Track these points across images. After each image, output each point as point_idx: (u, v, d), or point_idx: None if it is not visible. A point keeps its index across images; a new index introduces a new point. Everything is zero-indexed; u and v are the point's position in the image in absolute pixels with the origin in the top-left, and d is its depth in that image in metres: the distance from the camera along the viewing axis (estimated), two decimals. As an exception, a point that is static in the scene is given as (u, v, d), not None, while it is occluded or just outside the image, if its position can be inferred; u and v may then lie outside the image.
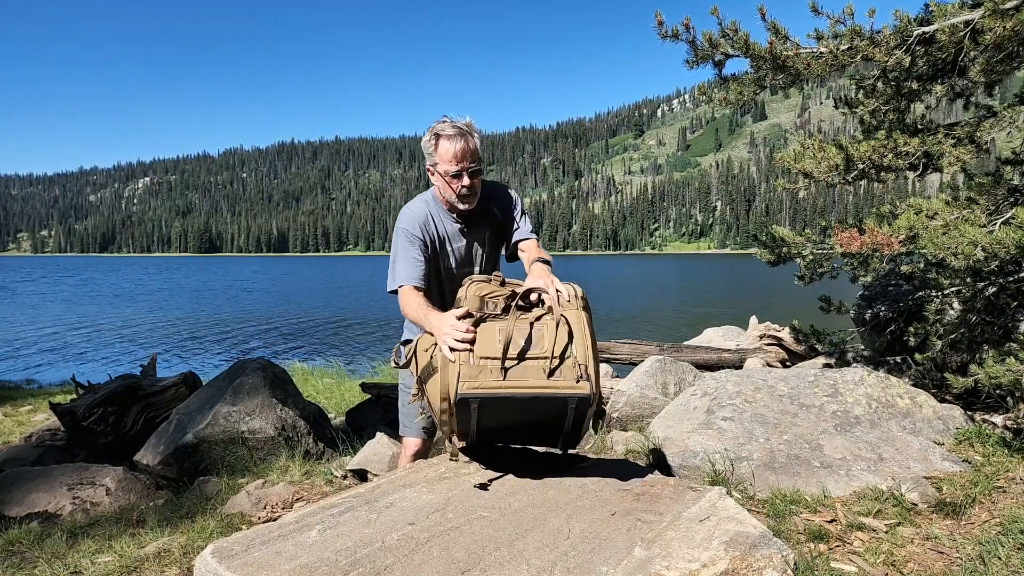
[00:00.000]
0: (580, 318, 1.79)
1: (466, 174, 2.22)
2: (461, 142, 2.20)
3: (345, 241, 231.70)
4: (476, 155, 2.23)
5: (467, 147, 2.21)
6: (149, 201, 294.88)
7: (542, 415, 1.78)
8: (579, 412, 1.75)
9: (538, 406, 1.74)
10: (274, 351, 16.55)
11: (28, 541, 2.96)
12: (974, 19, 3.61)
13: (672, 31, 4.20)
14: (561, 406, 1.73)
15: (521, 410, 1.76)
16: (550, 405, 1.73)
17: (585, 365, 1.72)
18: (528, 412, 1.77)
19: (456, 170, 2.21)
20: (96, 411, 4.64)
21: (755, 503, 2.94)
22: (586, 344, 1.76)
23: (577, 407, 1.73)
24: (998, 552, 2.33)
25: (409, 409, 2.54)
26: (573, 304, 1.83)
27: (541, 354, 1.73)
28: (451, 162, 2.21)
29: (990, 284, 4.19)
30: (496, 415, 1.78)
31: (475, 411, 1.74)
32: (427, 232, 2.32)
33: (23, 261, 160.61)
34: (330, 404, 7.02)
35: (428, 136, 2.27)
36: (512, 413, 1.78)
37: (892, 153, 4.14)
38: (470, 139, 2.22)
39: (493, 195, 2.43)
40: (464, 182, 2.22)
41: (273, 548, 1.48)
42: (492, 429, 1.85)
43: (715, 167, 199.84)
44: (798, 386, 3.75)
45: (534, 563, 1.42)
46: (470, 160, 2.21)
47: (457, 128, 2.21)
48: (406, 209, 2.39)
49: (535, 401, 1.72)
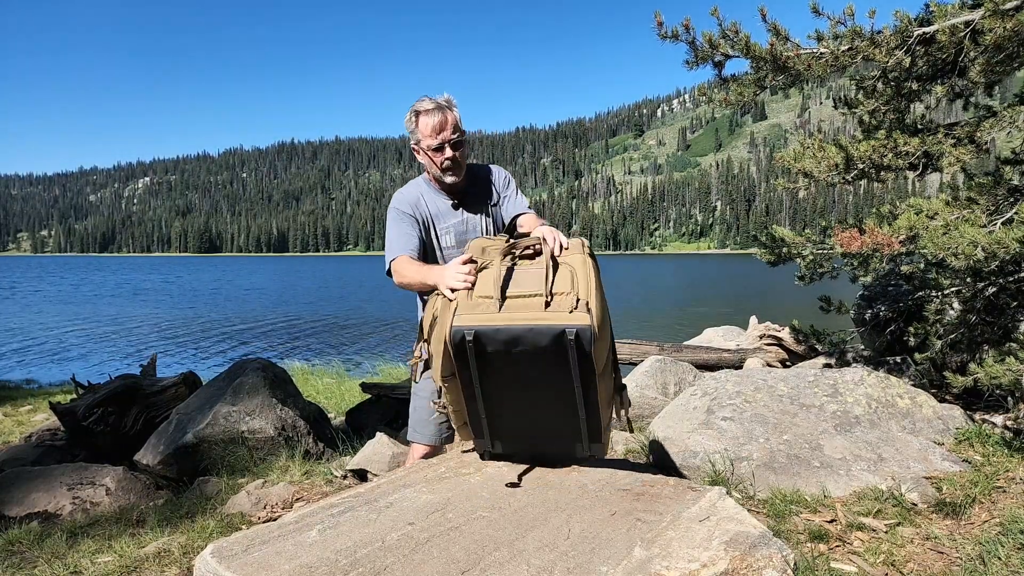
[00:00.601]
0: (585, 262, 1.73)
1: (448, 146, 2.26)
2: (439, 115, 2.24)
3: (345, 241, 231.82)
4: (456, 127, 2.27)
5: (446, 119, 2.25)
6: (149, 201, 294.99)
7: (547, 372, 1.66)
8: (582, 355, 1.60)
9: (537, 346, 1.61)
10: (274, 351, 16.54)
11: (28, 541, 2.96)
12: (974, 20, 3.61)
13: (672, 32, 4.20)
14: (559, 341, 1.59)
15: (524, 362, 1.65)
16: (548, 340, 1.60)
17: (587, 302, 1.62)
18: (531, 366, 1.65)
19: (438, 142, 2.25)
20: (96, 411, 4.63)
21: (755, 503, 2.94)
22: (589, 285, 1.67)
23: (578, 344, 1.58)
24: (998, 552, 2.33)
25: (420, 414, 2.50)
26: (577, 250, 1.78)
27: (540, 291, 1.65)
28: (432, 135, 2.25)
29: (990, 284, 4.19)
30: (498, 370, 1.68)
31: (471, 350, 1.63)
32: (418, 210, 2.36)
33: (23, 261, 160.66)
34: (330, 404, 7.03)
35: (408, 115, 2.31)
36: (513, 366, 1.67)
37: (892, 153, 4.14)
38: (448, 112, 2.26)
39: (484, 174, 2.49)
40: (447, 154, 2.26)
41: (273, 548, 1.48)
42: (502, 409, 1.76)
43: (715, 167, 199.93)
44: (798, 386, 3.75)
45: (534, 563, 1.42)
46: (451, 131, 2.25)
47: (435, 102, 2.26)
48: (397, 192, 2.45)
49: (531, 335, 1.60)
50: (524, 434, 1.86)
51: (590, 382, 1.68)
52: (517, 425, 1.84)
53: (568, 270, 1.70)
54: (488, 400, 1.77)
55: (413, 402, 2.57)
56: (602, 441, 1.83)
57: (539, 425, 1.82)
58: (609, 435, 1.92)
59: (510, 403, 1.78)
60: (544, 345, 1.61)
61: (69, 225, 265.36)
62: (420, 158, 2.35)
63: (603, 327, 1.65)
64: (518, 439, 1.87)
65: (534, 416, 1.79)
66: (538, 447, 1.89)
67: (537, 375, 1.69)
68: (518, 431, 1.85)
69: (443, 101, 2.27)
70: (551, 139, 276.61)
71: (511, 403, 1.78)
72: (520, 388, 1.73)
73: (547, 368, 1.66)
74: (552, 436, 1.84)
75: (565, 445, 1.84)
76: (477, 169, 2.49)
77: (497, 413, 1.80)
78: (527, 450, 1.90)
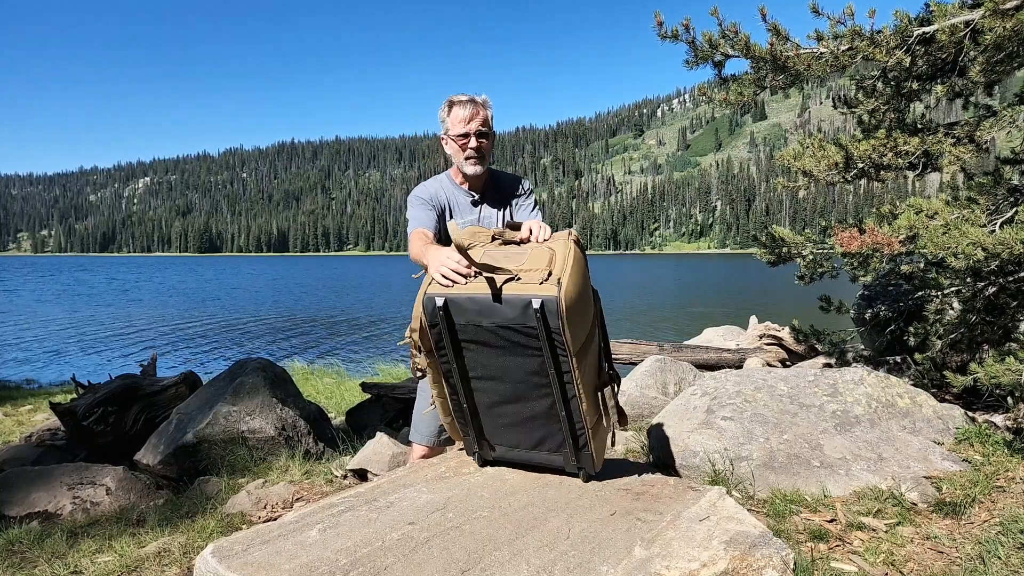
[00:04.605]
0: (567, 246, 1.73)
1: (474, 136, 2.33)
2: (472, 107, 2.34)
3: (345, 241, 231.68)
4: (486, 121, 2.36)
5: (477, 112, 2.34)
6: (149, 201, 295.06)
7: (518, 353, 1.65)
8: (548, 328, 1.58)
9: (505, 318, 1.61)
10: (274, 351, 16.54)
11: (28, 541, 2.96)
12: (974, 19, 3.61)
13: (672, 31, 4.20)
14: (527, 313, 1.59)
15: (496, 342, 1.65)
16: (515, 312, 1.60)
17: (559, 277, 1.61)
18: (503, 346, 1.65)
19: (464, 130, 2.33)
20: (96, 411, 4.63)
21: (755, 503, 2.94)
22: (566, 264, 1.66)
23: (544, 316, 1.57)
24: (998, 552, 2.33)
25: (420, 415, 2.52)
26: (562, 238, 1.78)
27: (515, 268, 1.66)
28: (460, 124, 2.33)
29: (990, 284, 4.19)
30: (472, 350, 1.69)
31: (443, 319, 1.65)
32: (437, 200, 2.42)
33: (23, 261, 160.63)
34: (330, 404, 7.03)
35: (443, 105, 2.40)
36: (486, 346, 1.67)
37: (892, 152, 4.15)
38: (481, 108, 2.35)
39: (508, 181, 2.55)
40: (472, 144, 2.34)
41: (273, 548, 1.48)
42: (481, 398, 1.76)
43: (715, 167, 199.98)
44: (798, 386, 3.75)
45: (534, 563, 1.42)
46: (479, 123, 2.34)
47: (470, 97, 2.36)
48: (420, 185, 2.51)
49: (500, 307, 1.60)
50: (508, 435, 1.84)
51: (564, 364, 1.64)
52: (499, 422, 1.82)
53: (548, 251, 1.71)
54: (466, 383, 1.77)
55: (418, 401, 2.59)
56: (590, 449, 1.76)
57: (523, 426, 1.80)
58: (603, 446, 1.85)
59: (489, 392, 1.77)
60: (511, 316, 1.61)
61: (69, 225, 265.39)
62: (447, 147, 2.42)
63: (577, 304, 1.62)
64: (502, 438, 1.85)
65: (515, 411, 1.77)
66: (524, 454, 1.86)
67: (511, 358, 1.68)
68: (502, 429, 1.84)
69: (479, 98, 2.37)
70: (551, 139, 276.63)
71: (490, 392, 1.76)
72: (497, 373, 1.72)
73: (519, 348, 1.65)
74: (536, 438, 1.80)
75: (551, 449, 1.80)
76: (503, 175, 2.55)
77: (477, 403, 1.80)
78: (515, 458, 1.88)
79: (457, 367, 1.74)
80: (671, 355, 6.51)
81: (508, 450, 1.87)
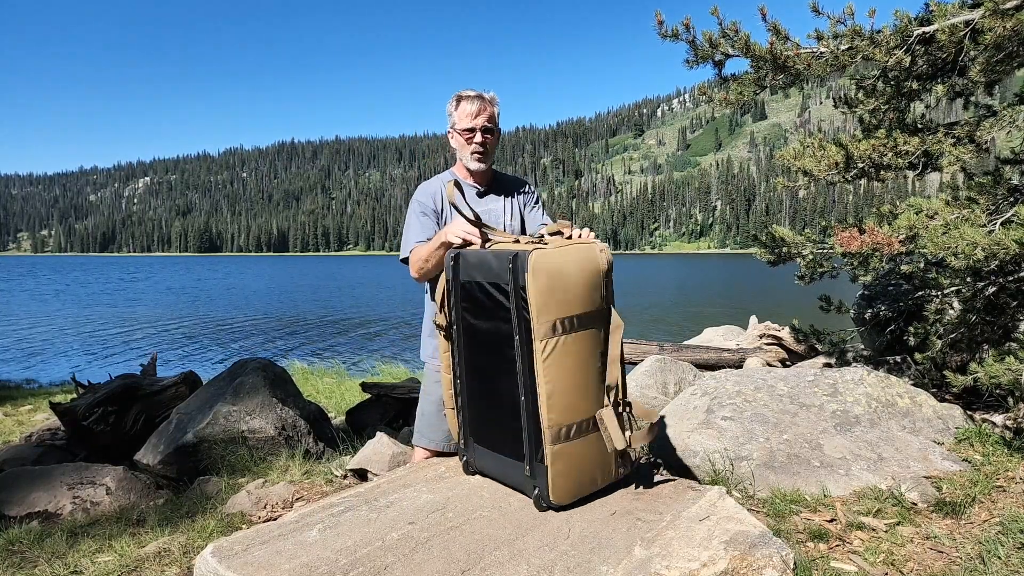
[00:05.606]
0: (588, 241, 1.79)
1: (479, 131, 2.35)
2: (479, 103, 2.35)
3: (345, 241, 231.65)
4: (492, 118, 2.38)
5: (484, 108, 2.36)
6: (149, 201, 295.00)
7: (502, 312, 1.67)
8: (521, 287, 1.60)
9: (494, 275, 1.68)
10: (274, 351, 16.55)
11: (28, 540, 2.96)
12: (974, 19, 3.61)
13: (672, 31, 4.20)
14: (507, 263, 1.62)
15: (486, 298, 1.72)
16: (501, 265, 1.65)
17: (551, 245, 1.67)
18: (490, 307, 1.71)
19: (470, 125, 2.34)
20: (96, 411, 4.63)
21: (755, 503, 2.94)
22: (568, 245, 1.70)
23: (515, 269, 1.60)
24: (998, 552, 2.33)
25: (426, 419, 2.47)
26: (591, 240, 1.82)
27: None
28: (467, 118, 2.35)
29: (990, 284, 4.19)
30: (470, 311, 1.79)
31: (451, 268, 1.82)
32: (436, 200, 2.43)
33: (23, 261, 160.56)
34: (330, 404, 7.03)
35: (451, 100, 2.41)
36: (481, 310, 1.75)
37: (892, 152, 4.14)
38: (488, 104, 2.37)
39: (513, 181, 2.57)
40: (477, 139, 2.35)
41: (273, 547, 1.48)
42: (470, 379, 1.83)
43: (715, 167, 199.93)
44: (798, 385, 3.75)
45: (534, 563, 1.42)
46: (486, 119, 2.35)
47: (478, 92, 2.38)
48: (422, 183, 2.52)
49: (494, 259, 1.68)
50: (484, 432, 1.84)
51: (529, 331, 1.60)
52: (481, 416, 1.84)
53: (566, 236, 1.80)
54: (460, 357, 1.85)
55: (420, 404, 2.53)
56: (545, 463, 1.61)
57: (494, 423, 1.78)
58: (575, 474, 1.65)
59: (476, 374, 1.82)
60: (497, 270, 1.67)
61: (69, 225, 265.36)
62: (453, 142, 2.43)
63: (557, 281, 1.61)
64: (479, 436, 1.85)
65: (489, 400, 1.79)
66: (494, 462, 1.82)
67: (493, 323, 1.72)
68: (480, 427, 1.84)
69: (487, 94, 2.39)
70: (551, 139, 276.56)
71: (477, 374, 1.82)
72: (484, 349, 1.77)
73: (501, 311, 1.68)
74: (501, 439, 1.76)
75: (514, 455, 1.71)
76: (505, 176, 2.57)
77: (467, 383, 1.85)
78: (488, 468, 1.86)
79: (457, 328, 1.84)
80: (671, 355, 6.52)
81: (484, 452, 1.85)
